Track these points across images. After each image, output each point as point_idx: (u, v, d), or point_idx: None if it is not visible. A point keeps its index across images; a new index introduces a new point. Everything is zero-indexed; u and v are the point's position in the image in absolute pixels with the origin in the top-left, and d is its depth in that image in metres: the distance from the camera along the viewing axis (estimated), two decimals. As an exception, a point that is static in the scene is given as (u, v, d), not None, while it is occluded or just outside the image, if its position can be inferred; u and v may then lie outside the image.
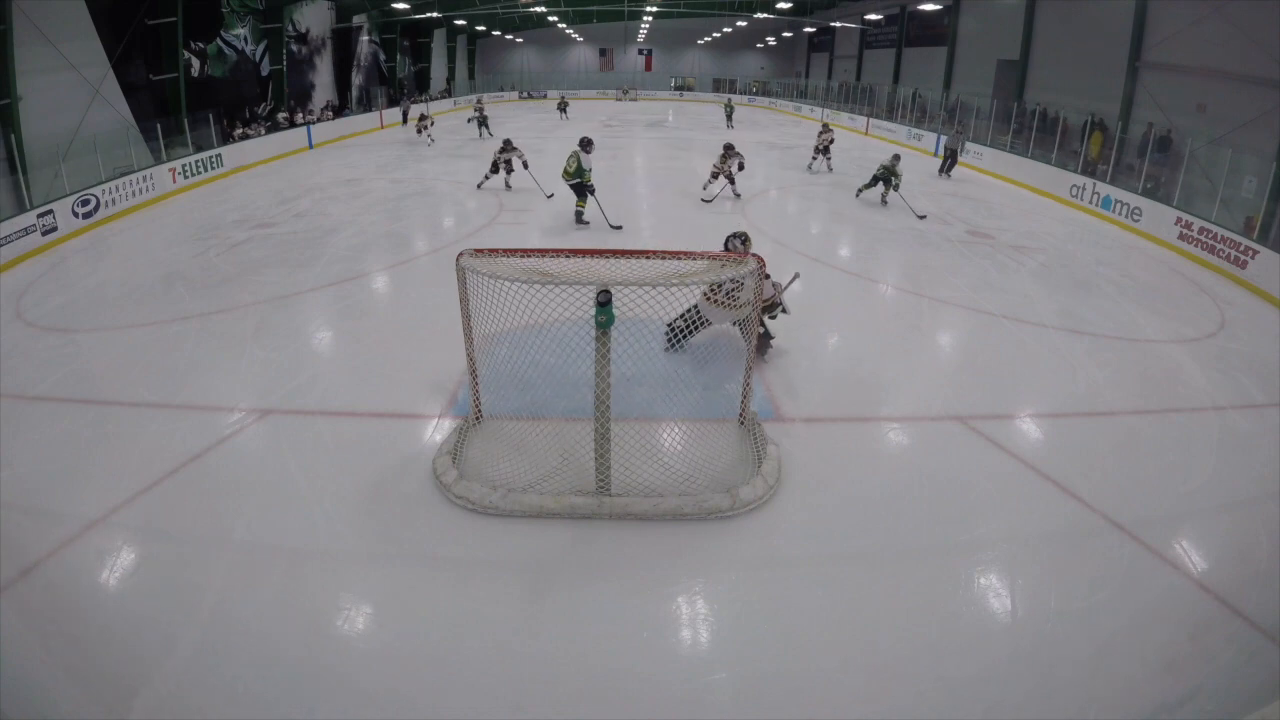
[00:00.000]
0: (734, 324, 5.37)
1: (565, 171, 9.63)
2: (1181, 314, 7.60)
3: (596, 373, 3.73)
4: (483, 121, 21.47)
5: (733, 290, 5.28)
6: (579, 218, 9.96)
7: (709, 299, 5.40)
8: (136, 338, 6.39)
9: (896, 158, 11.90)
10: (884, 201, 11.97)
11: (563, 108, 28.88)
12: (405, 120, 24.06)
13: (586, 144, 9.64)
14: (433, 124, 20.23)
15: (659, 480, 4.05)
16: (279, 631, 3.16)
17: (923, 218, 10.91)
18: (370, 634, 3.23)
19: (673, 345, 5.57)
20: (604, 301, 3.62)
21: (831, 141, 15.47)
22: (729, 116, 26.15)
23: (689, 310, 5.37)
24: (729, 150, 12.13)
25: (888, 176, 11.78)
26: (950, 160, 15.49)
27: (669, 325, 5.37)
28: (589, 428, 3.94)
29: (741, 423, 4.72)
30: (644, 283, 3.75)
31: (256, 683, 2.91)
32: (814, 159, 15.62)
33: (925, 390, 5.53)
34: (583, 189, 9.68)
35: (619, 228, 9.90)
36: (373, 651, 3.09)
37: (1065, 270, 8.89)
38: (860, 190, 12.36)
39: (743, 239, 5.91)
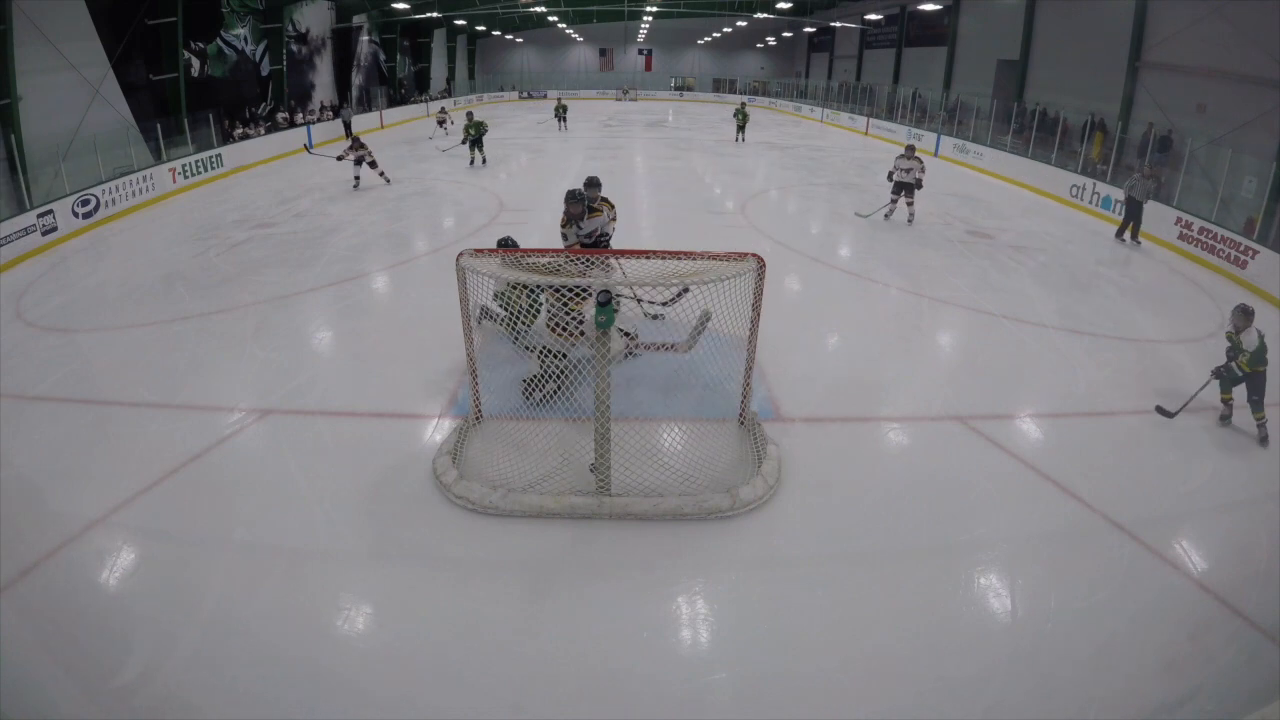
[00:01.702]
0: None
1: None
2: (1181, 314, 7.59)
3: (596, 373, 3.73)
4: (476, 140, 15.12)
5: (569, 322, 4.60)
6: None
7: (552, 328, 4.85)
8: (136, 338, 6.39)
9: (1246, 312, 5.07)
10: None
11: (560, 114, 23.16)
12: (349, 135, 15.87)
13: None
14: (376, 166, 12.91)
15: (659, 480, 4.04)
16: (279, 631, 3.16)
17: None
18: (370, 634, 3.23)
19: (528, 397, 4.97)
20: (604, 302, 3.62)
21: (921, 175, 10.55)
22: (741, 129, 20.19)
23: (542, 353, 4.96)
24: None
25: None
26: (1134, 218, 10.24)
27: (525, 380, 5.01)
28: (589, 428, 3.94)
29: (741, 423, 4.72)
30: (644, 283, 3.76)
31: (256, 683, 2.91)
32: (893, 203, 10.85)
33: (925, 390, 5.52)
34: None
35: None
36: (372, 651, 3.09)
37: (1065, 270, 8.88)
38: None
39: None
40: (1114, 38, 14.66)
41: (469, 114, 16.28)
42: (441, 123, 21.32)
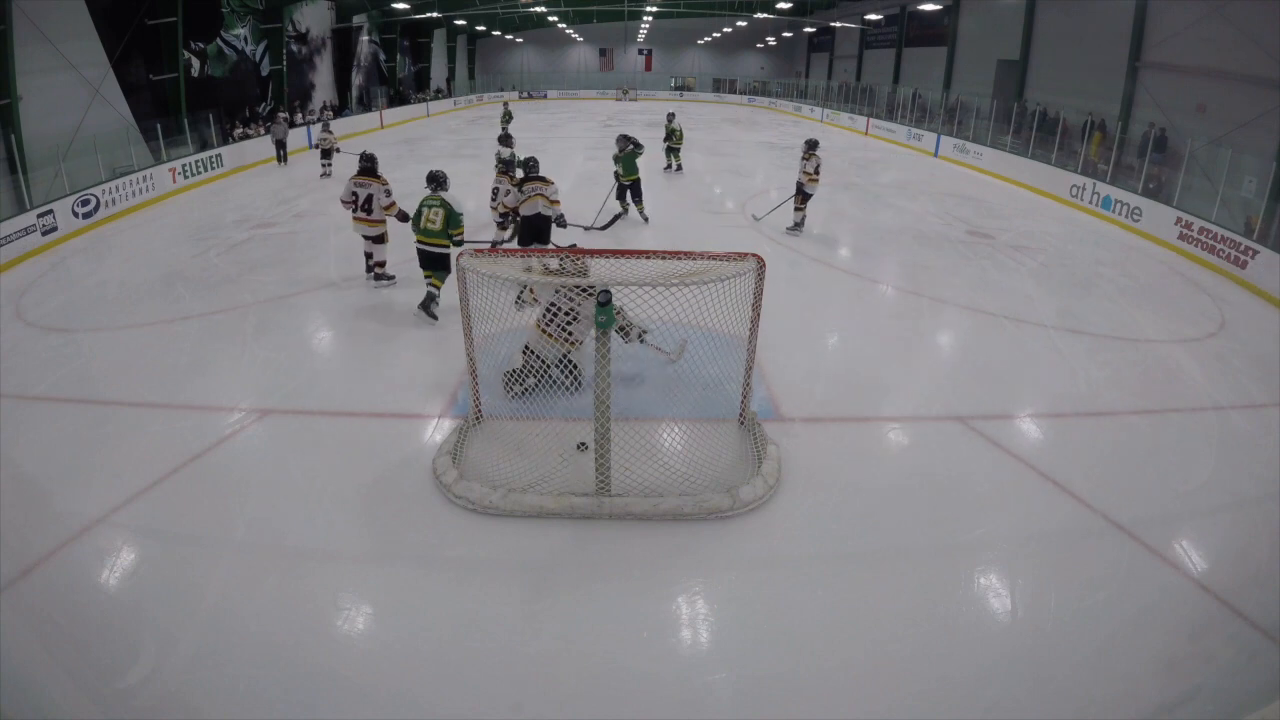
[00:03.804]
0: (560, 360, 4.87)
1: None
2: (1181, 314, 7.60)
3: (596, 373, 3.71)
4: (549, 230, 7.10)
5: (566, 322, 4.76)
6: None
7: (542, 331, 4.88)
8: (136, 338, 6.39)
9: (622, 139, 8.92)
10: None
11: (505, 127, 17.20)
12: (282, 159, 15.30)
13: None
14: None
15: (659, 480, 4.04)
16: (279, 631, 3.16)
17: None
18: (370, 634, 3.23)
19: (509, 389, 4.97)
20: (604, 302, 3.60)
21: (802, 179, 9.60)
22: (674, 151, 14.37)
23: (525, 354, 4.93)
24: None
25: None
26: None
27: (506, 373, 4.96)
28: (589, 428, 3.94)
29: (741, 423, 4.72)
30: (644, 283, 3.73)
31: (256, 683, 2.91)
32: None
33: (925, 390, 5.52)
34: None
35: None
36: (372, 651, 3.09)
37: (1065, 270, 8.89)
38: None
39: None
40: (1114, 38, 14.67)
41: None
42: (327, 153, 14.54)
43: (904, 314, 7.24)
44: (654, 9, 32.21)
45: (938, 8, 21.45)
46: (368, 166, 7.05)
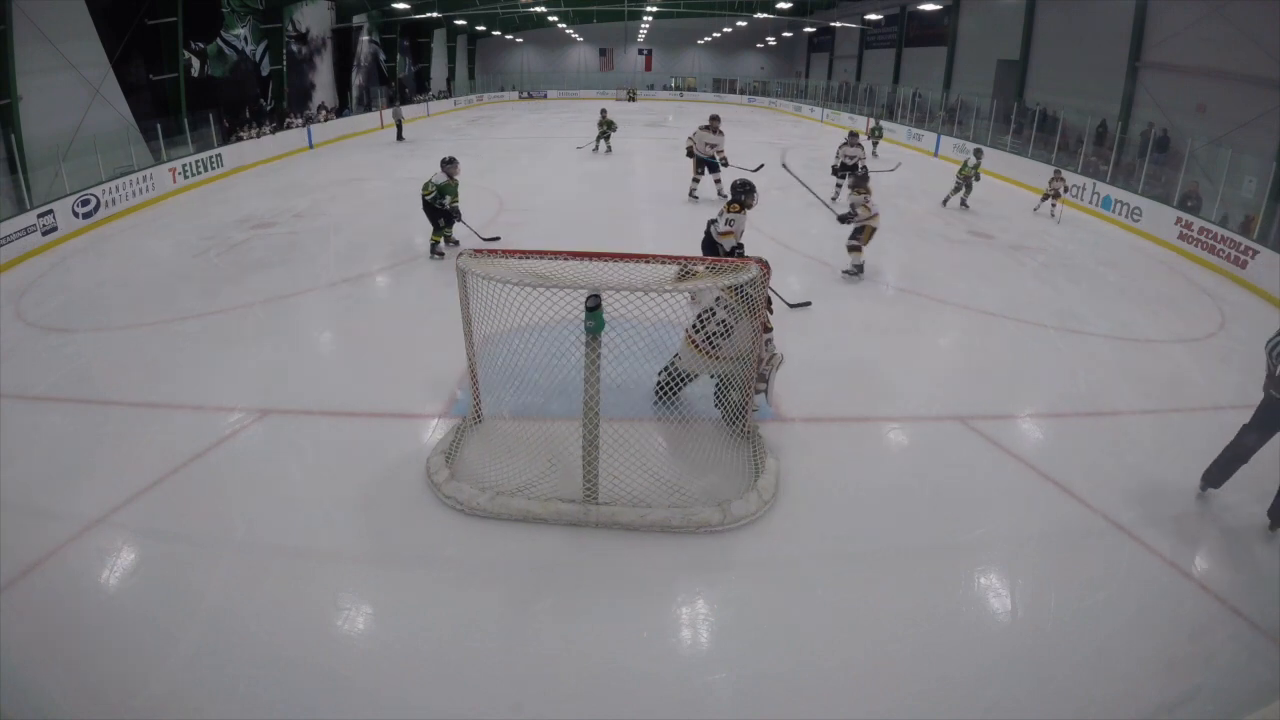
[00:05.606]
0: (712, 378, 4.69)
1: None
2: (1181, 314, 7.60)
3: (585, 379, 3.64)
4: None
5: (716, 334, 4.35)
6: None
7: (689, 339, 4.54)
8: (136, 338, 6.38)
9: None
10: None
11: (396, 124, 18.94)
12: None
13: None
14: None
15: (648, 490, 3.94)
16: (279, 631, 3.16)
17: None
18: (369, 633, 3.23)
19: (659, 400, 4.77)
20: (593, 307, 3.49)
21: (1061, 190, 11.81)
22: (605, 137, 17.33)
23: (671, 361, 4.67)
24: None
25: None
26: None
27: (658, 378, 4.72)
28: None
29: (744, 432, 4.60)
30: (637, 288, 3.60)
31: (256, 683, 2.91)
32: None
33: (925, 390, 5.52)
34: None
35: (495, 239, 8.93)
36: (373, 651, 3.09)
37: (1065, 270, 8.89)
38: None
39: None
40: (1114, 38, 14.68)
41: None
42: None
43: (904, 314, 7.24)
44: (654, 9, 32.20)
45: (938, 8, 21.45)
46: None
